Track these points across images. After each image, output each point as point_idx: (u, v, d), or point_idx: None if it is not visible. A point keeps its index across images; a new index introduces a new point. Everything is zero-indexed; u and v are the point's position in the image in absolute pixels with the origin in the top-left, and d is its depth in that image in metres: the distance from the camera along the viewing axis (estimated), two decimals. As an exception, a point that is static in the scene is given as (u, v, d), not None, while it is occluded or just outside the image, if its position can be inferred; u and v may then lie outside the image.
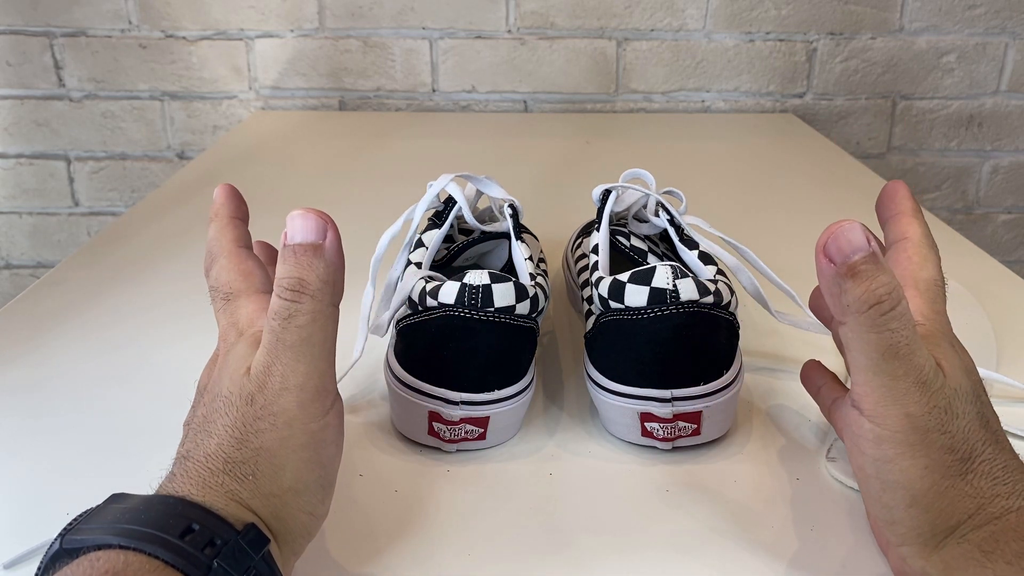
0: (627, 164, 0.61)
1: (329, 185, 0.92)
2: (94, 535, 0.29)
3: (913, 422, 0.32)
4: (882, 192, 0.40)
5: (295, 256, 0.32)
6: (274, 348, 0.33)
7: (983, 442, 0.32)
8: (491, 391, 0.44)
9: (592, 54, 1.22)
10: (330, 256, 0.33)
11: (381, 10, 1.19)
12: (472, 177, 0.53)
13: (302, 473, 0.33)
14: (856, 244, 0.30)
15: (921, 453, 0.32)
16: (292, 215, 0.33)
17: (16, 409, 0.50)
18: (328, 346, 0.33)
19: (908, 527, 0.33)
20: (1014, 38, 1.22)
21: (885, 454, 0.32)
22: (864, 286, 0.31)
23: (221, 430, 0.33)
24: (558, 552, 0.38)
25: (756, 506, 0.41)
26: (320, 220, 0.32)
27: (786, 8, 1.20)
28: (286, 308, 0.32)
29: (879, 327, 0.31)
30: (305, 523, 0.34)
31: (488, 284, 0.43)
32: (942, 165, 1.29)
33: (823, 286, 0.32)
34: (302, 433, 0.33)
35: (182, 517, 0.30)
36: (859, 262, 0.30)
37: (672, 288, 0.43)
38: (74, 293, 0.65)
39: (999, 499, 0.32)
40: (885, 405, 0.32)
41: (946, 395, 0.32)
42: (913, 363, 0.32)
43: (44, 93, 1.24)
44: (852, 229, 0.31)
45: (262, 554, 0.31)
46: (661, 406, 0.43)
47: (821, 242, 0.31)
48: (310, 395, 0.33)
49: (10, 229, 1.32)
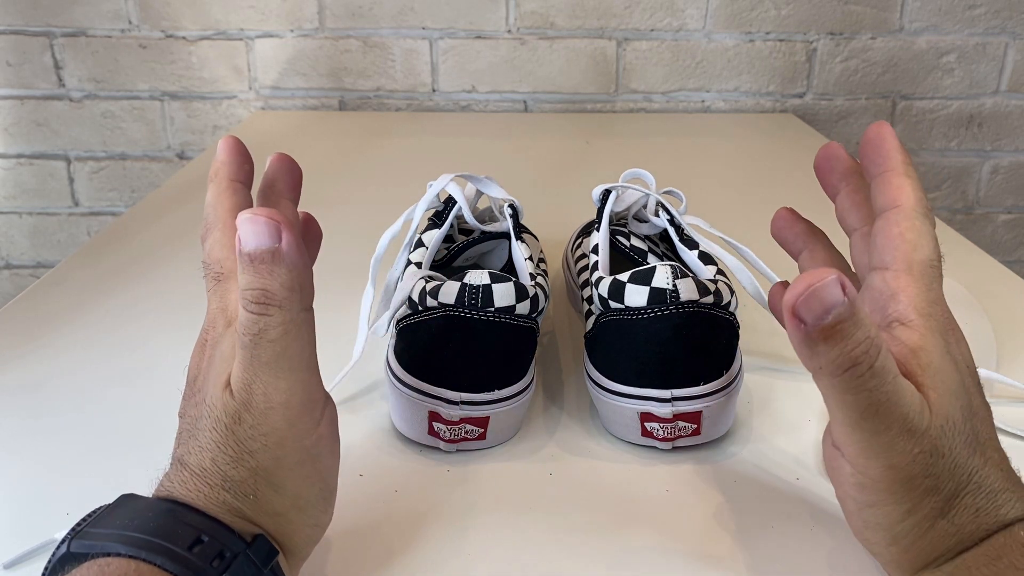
0: (627, 164, 0.61)
1: (329, 185, 0.92)
2: (103, 541, 0.28)
3: (895, 472, 0.30)
4: (865, 138, 0.35)
5: (253, 266, 0.30)
6: (250, 366, 0.31)
7: (969, 473, 0.31)
8: (491, 391, 0.44)
9: (592, 54, 1.22)
10: (290, 259, 0.30)
11: (381, 10, 1.19)
12: (472, 177, 0.53)
13: (302, 490, 0.32)
14: (830, 302, 0.27)
15: (905, 499, 0.31)
16: (241, 219, 0.30)
17: (16, 409, 0.50)
18: (306, 354, 0.32)
19: (887, 560, 0.33)
20: (1014, 38, 1.22)
21: (867, 499, 0.31)
22: (838, 348, 0.28)
23: (213, 446, 0.31)
24: (558, 552, 0.38)
25: (756, 506, 0.41)
26: (271, 222, 0.30)
27: (786, 8, 1.20)
28: (255, 323, 0.30)
29: (856, 389, 0.29)
30: (310, 535, 0.34)
31: (488, 284, 0.43)
32: (942, 165, 1.29)
33: (794, 345, 0.29)
34: (295, 451, 0.32)
35: (191, 528, 0.29)
36: (832, 323, 0.27)
37: (672, 288, 0.43)
38: (74, 293, 0.65)
39: (979, 531, 0.31)
40: (867, 457, 0.30)
41: (931, 437, 0.30)
42: (895, 416, 0.29)
43: (44, 93, 1.24)
44: (825, 287, 0.27)
45: (270, 567, 0.30)
46: (661, 406, 0.43)
47: (789, 301, 0.27)
48: (296, 411, 0.31)
49: (10, 229, 1.32)
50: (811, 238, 0.41)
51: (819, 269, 0.27)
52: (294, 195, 0.38)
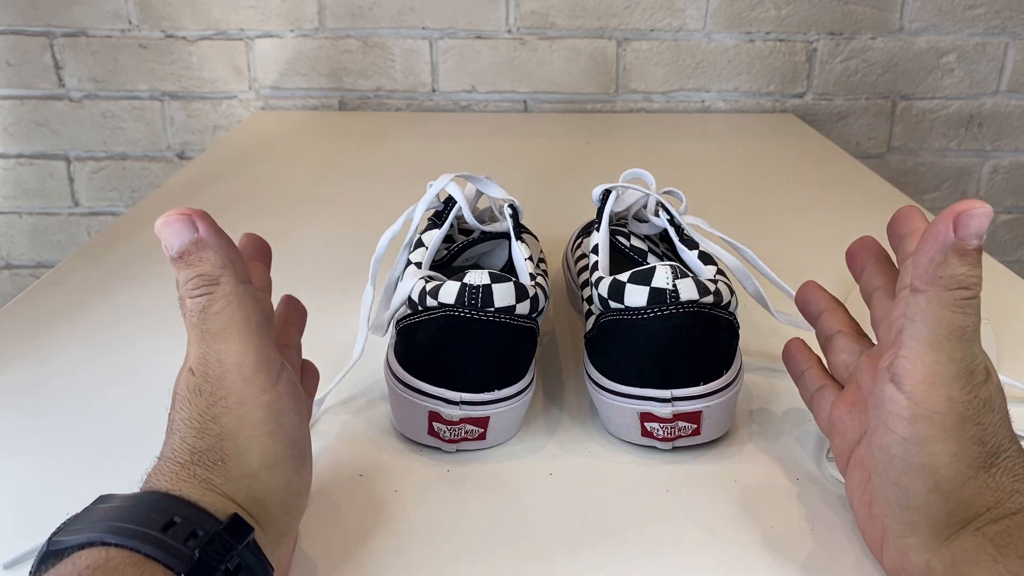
0: (627, 164, 0.61)
1: (329, 185, 0.92)
2: (78, 535, 0.29)
3: (954, 407, 0.32)
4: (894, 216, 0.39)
5: (184, 261, 0.33)
6: (202, 340, 0.33)
7: (1010, 440, 0.33)
8: (491, 391, 0.44)
9: (592, 54, 1.22)
10: (213, 242, 0.33)
11: (381, 10, 1.19)
12: (472, 177, 0.53)
13: (268, 447, 0.33)
14: (980, 229, 0.31)
15: (953, 439, 0.32)
16: (158, 227, 0.33)
17: (16, 409, 0.50)
18: (253, 321, 0.33)
19: (924, 514, 0.33)
20: (1014, 38, 1.22)
21: (917, 434, 0.32)
22: (965, 268, 0.31)
23: (181, 425, 0.33)
24: (558, 552, 0.38)
25: (756, 506, 0.41)
26: (183, 218, 0.32)
27: (786, 8, 1.20)
28: (198, 303, 0.33)
29: (957, 308, 0.32)
30: (284, 498, 0.34)
31: (488, 284, 0.43)
32: (942, 165, 1.29)
33: (927, 248, 0.32)
34: (256, 407, 0.33)
35: (164, 511, 0.30)
36: (973, 245, 0.31)
37: (672, 288, 0.43)
38: (74, 293, 0.65)
39: (1018, 496, 0.32)
40: (931, 384, 0.32)
41: (988, 390, 0.33)
42: (971, 351, 0.32)
43: (44, 93, 1.24)
44: (985, 215, 0.31)
45: (246, 542, 0.31)
46: (661, 406, 0.43)
47: (955, 211, 0.31)
48: (251, 369, 0.33)
49: (10, 229, 1.32)
50: (834, 304, 0.44)
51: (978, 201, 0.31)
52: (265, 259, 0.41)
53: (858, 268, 0.42)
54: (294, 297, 0.44)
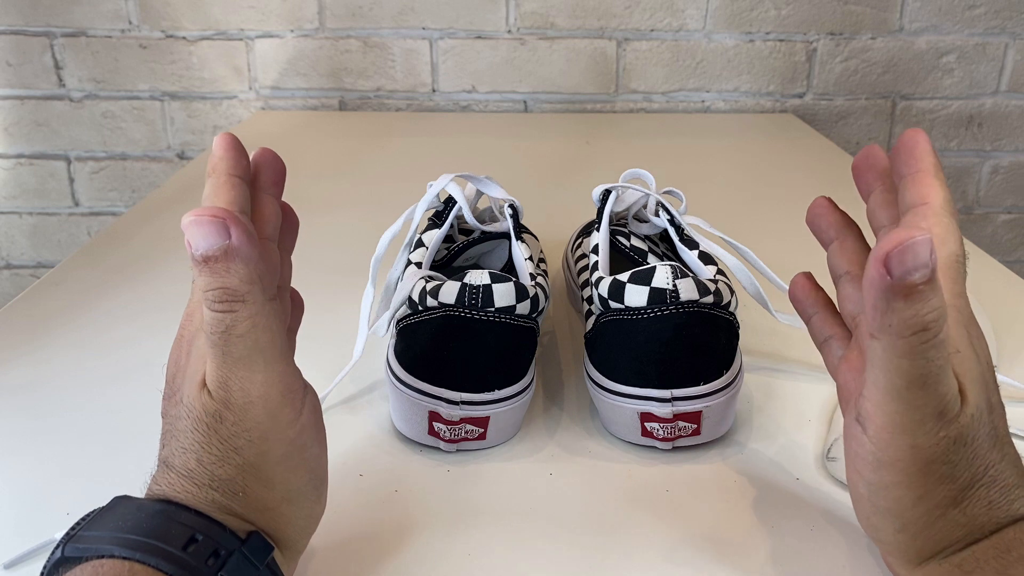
0: (627, 164, 0.61)
1: (329, 185, 0.92)
2: (97, 544, 0.28)
3: (917, 453, 0.30)
4: (900, 142, 0.35)
5: (209, 267, 0.29)
6: (223, 363, 0.30)
7: (987, 465, 0.31)
8: (491, 391, 0.44)
9: (592, 54, 1.22)
10: (244, 253, 0.29)
11: (381, 10, 1.19)
12: (472, 177, 0.53)
13: (291, 482, 0.32)
14: (921, 260, 0.27)
15: (919, 484, 0.30)
16: (185, 223, 0.29)
17: (16, 409, 0.50)
18: (278, 344, 0.31)
19: (894, 547, 0.33)
20: (1014, 38, 1.22)
21: (882, 479, 0.31)
22: (914, 309, 0.27)
23: (197, 447, 0.31)
24: (558, 552, 0.38)
25: (756, 506, 0.41)
26: (216, 219, 0.29)
27: (786, 8, 1.20)
28: (221, 321, 0.30)
29: (916, 355, 0.28)
30: (304, 527, 0.34)
31: (488, 284, 0.43)
32: (942, 165, 1.29)
33: (868, 296, 0.28)
34: (280, 443, 0.31)
35: (185, 527, 0.29)
36: (917, 281, 0.27)
37: (672, 288, 0.43)
38: (74, 293, 0.65)
39: (990, 524, 0.31)
40: (893, 432, 0.30)
41: (960, 425, 0.30)
42: (936, 393, 0.29)
43: (44, 93, 1.24)
44: (920, 244, 0.27)
45: (266, 562, 0.30)
46: (661, 406, 0.43)
47: (884, 249, 0.27)
48: (277, 402, 0.31)
49: (10, 229, 1.32)
50: (844, 229, 0.40)
51: (912, 228, 0.27)
52: (276, 190, 0.36)
53: (865, 190, 0.38)
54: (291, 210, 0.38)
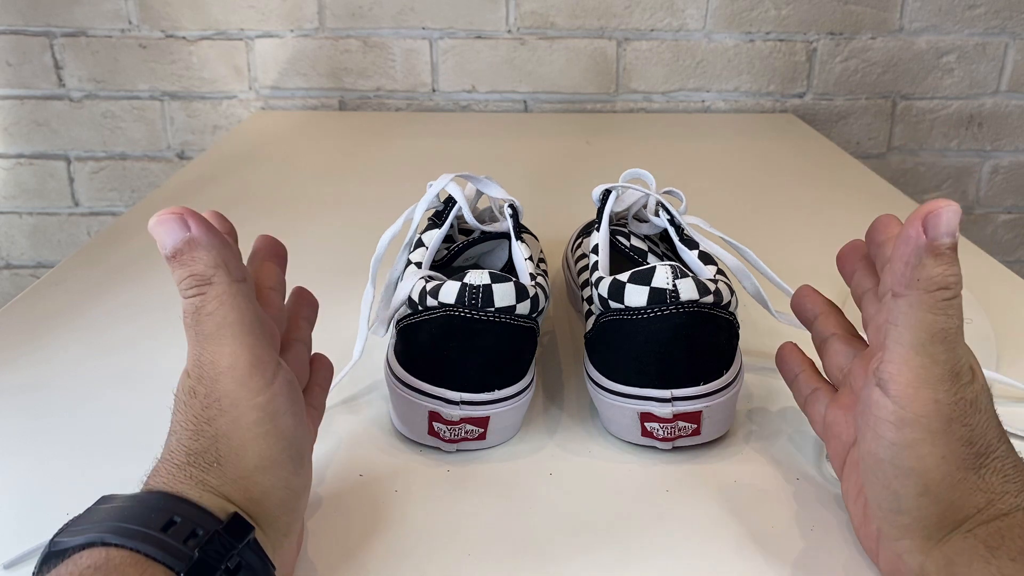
0: (627, 164, 0.61)
1: (329, 185, 0.92)
2: (79, 536, 0.29)
3: (940, 409, 0.32)
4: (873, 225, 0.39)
5: (178, 260, 0.33)
6: (196, 341, 0.33)
7: (999, 439, 0.33)
8: (491, 391, 0.44)
9: (592, 54, 1.22)
10: (207, 241, 0.33)
11: (381, 10, 1.19)
12: (472, 177, 0.53)
13: (263, 449, 0.33)
14: (951, 227, 0.31)
15: (941, 442, 0.32)
16: (151, 225, 0.33)
17: (16, 409, 0.50)
18: (248, 320, 0.33)
19: (915, 517, 0.33)
20: (1014, 38, 1.22)
21: (905, 438, 0.32)
22: (941, 268, 0.31)
23: (177, 427, 0.33)
24: (558, 552, 0.38)
25: (756, 506, 0.41)
26: (175, 217, 0.32)
27: (786, 8, 1.20)
28: (193, 304, 0.33)
29: (938, 310, 0.32)
30: (283, 498, 0.34)
31: (488, 284, 0.43)
32: (942, 165, 1.29)
33: (901, 252, 0.32)
34: (250, 410, 0.33)
35: (164, 511, 0.30)
36: (946, 244, 0.31)
37: (672, 288, 0.43)
38: (74, 293, 0.65)
39: (1008, 496, 0.32)
40: (916, 387, 0.32)
41: (974, 390, 0.33)
42: (954, 352, 0.32)
43: (44, 93, 1.24)
44: (954, 212, 0.32)
45: (247, 541, 0.31)
46: (661, 406, 0.43)
47: (922, 212, 0.32)
48: (245, 372, 0.33)
49: (10, 229, 1.32)
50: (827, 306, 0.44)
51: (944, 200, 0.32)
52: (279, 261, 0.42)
53: (848, 271, 0.41)
54: (305, 289, 0.44)
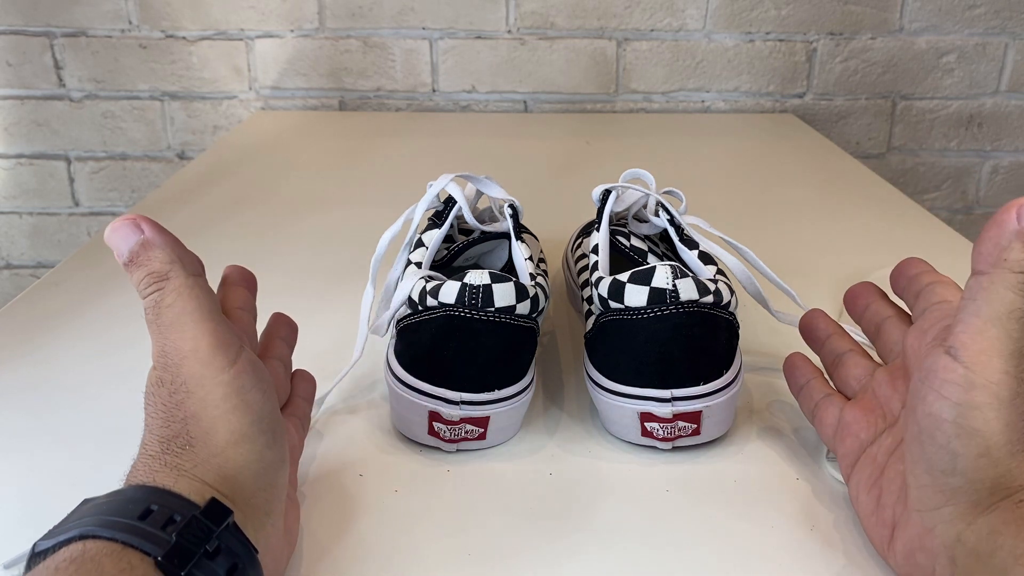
0: (627, 164, 0.61)
1: (329, 185, 0.92)
2: (58, 535, 0.29)
3: (1008, 380, 0.33)
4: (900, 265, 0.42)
5: (134, 264, 0.34)
6: (159, 332, 0.34)
7: None
8: (491, 391, 0.44)
9: (592, 54, 1.22)
10: (159, 240, 0.35)
11: (381, 10, 1.19)
12: (472, 177, 0.53)
13: (233, 424, 0.34)
14: None
15: (1008, 410, 0.33)
16: (107, 237, 0.34)
17: (16, 409, 0.50)
18: (206, 308, 0.35)
19: (969, 479, 0.33)
20: (1014, 38, 1.22)
21: (973, 399, 0.33)
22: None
23: (149, 420, 0.34)
24: (558, 552, 0.38)
25: (756, 506, 0.41)
26: (128, 223, 0.34)
27: (786, 8, 1.20)
28: (152, 300, 0.35)
29: (1019, 290, 0.33)
30: (256, 472, 0.34)
31: (488, 284, 0.43)
32: (942, 165, 1.29)
33: (992, 234, 0.34)
34: (216, 386, 0.34)
35: (141, 501, 0.30)
36: None
37: (672, 288, 0.43)
38: (74, 293, 0.65)
39: None
40: (989, 355, 0.33)
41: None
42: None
43: (44, 93, 1.24)
44: None
45: (226, 525, 0.31)
46: (661, 406, 0.43)
47: (1019, 202, 0.33)
48: (208, 353, 0.34)
49: (10, 229, 1.32)
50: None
51: None
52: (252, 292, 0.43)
53: (861, 304, 0.44)
54: (283, 314, 0.45)
